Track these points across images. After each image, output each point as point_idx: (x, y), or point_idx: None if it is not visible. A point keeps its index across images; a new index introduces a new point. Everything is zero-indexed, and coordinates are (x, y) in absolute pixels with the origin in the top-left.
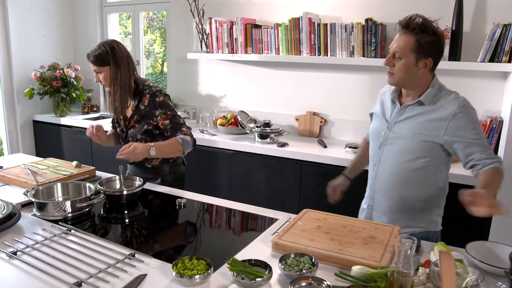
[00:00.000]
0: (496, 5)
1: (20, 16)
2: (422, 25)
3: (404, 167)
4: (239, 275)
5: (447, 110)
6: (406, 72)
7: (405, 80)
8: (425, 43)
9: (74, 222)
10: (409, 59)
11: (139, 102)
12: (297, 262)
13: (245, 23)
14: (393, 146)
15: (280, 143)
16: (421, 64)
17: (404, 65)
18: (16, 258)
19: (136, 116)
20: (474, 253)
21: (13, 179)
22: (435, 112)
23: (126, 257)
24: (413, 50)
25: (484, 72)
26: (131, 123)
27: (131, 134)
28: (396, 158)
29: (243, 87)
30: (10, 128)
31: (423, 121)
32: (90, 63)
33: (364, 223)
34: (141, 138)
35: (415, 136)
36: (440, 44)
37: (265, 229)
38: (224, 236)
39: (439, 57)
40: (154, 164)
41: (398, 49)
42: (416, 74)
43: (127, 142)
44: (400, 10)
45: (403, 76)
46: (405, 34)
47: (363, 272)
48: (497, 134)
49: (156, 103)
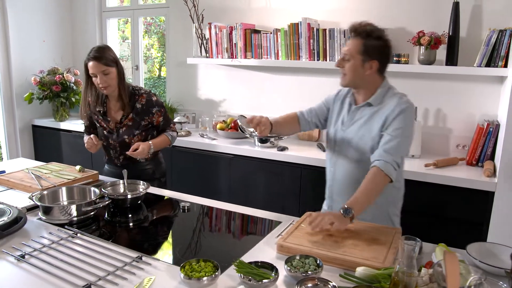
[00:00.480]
0: (492, 11)
1: (20, 20)
2: (369, 30)
3: (357, 168)
4: (246, 276)
5: (389, 108)
6: (354, 73)
7: (354, 81)
8: (370, 46)
9: (79, 226)
10: (356, 61)
11: (135, 101)
12: (303, 264)
13: (244, 28)
14: (346, 147)
15: (280, 147)
16: (367, 66)
17: (352, 66)
18: (25, 262)
19: (131, 115)
20: (475, 254)
21: (17, 184)
22: (380, 111)
23: (134, 260)
24: (359, 52)
25: (480, 77)
26: (124, 122)
27: (125, 132)
28: (350, 159)
29: (243, 91)
30: (9, 132)
31: (371, 121)
32: (101, 64)
33: (365, 225)
34: (137, 134)
35: (364, 136)
36: (385, 49)
37: (269, 232)
38: (229, 238)
39: (385, 60)
40: (146, 157)
41: (347, 51)
42: (364, 75)
43: (121, 141)
44: (398, 16)
45: (351, 77)
46: (354, 38)
47: (367, 273)
48: (494, 138)
49: (153, 101)
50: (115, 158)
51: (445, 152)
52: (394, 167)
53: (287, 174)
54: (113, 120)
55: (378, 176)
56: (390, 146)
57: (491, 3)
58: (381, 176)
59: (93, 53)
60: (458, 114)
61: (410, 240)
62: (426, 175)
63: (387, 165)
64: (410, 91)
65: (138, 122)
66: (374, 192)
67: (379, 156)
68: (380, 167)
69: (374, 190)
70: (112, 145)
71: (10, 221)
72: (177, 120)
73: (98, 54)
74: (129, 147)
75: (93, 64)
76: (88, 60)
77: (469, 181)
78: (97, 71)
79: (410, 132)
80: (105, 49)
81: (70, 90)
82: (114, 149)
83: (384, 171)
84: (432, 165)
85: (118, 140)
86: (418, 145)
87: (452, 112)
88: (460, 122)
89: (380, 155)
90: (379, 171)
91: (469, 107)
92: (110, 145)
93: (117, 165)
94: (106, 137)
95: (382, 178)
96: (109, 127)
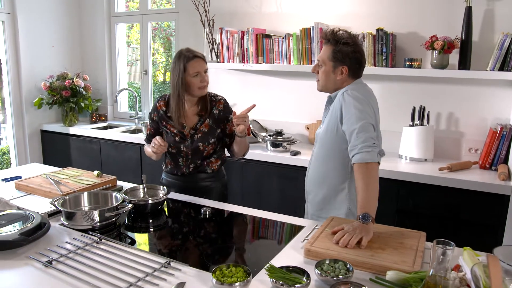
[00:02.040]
0: (504, 15)
1: (29, 26)
2: (338, 37)
3: (320, 160)
4: (278, 281)
5: (337, 103)
6: (326, 78)
7: (326, 86)
8: (339, 52)
9: (101, 232)
10: (328, 67)
11: (212, 107)
12: (333, 268)
13: (256, 33)
14: (318, 143)
15: (293, 152)
16: (338, 71)
17: (324, 71)
18: (52, 267)
19: (208, 120)
20: (502, 257)
21: (36, 189)
22: (332, 105)
23: (162, 266)
24: (330, 58)
25: (493, 81)
26: (200, 128)
27: (200, 139)
28: (316, 152)
29: (254, 96)
30: (19, 137)
31: (327, 116)
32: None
33: (389, 228)
34: (212, 142)
35: (324, 131)
36: (355, 54)
37: (293, 236)
38: (254, 243)
39: (355, 65)
40: (214, 168)
41: (320, 58)
42: (335, 80)
43: (194, 148)
44: (410, 20)
45: (324, 82)
46: (325, 45)
47: (398, 277)
48: (507, 142)
49: (230, 108)
50: (184, 167)
51: (457, 156)
52: (367, 151)
53: (300, 179)
54: (188, 125)
55: (362, 169)
56: (354, 138)
57: (503, 7)
58: (365, 167)
59: (192, 52)
60: (470, 118)
61: (443, 244)
62: (441, 179)
63: (361, 155)
64: (422, 95)
65: (214, 129)
66: (371, 184)
67: (351, 152)
68: (358, 161)
69: (370, 183)
70: (184, 153)
71: (34, 226)
72: None
73: (198, 53)
74: (202, 155)
75: (198, 61)
76: (190, 59)
77: (484, 184)
78: (201, 69)
79: (362, 114)
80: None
81: (80, 95)
82: (185, 156)
83: (365, 161)
84: (446, 168)
85: (191, 147)
86: (430, 149)
87: (465, 116)
88: (473, 126)
89: (351, 150)
90: (359, 165)
91: (482, 111)
92: (181, 153)
93: (184, 174)
94: (177, 144)
95: (367, 168)
96: (183, 133)
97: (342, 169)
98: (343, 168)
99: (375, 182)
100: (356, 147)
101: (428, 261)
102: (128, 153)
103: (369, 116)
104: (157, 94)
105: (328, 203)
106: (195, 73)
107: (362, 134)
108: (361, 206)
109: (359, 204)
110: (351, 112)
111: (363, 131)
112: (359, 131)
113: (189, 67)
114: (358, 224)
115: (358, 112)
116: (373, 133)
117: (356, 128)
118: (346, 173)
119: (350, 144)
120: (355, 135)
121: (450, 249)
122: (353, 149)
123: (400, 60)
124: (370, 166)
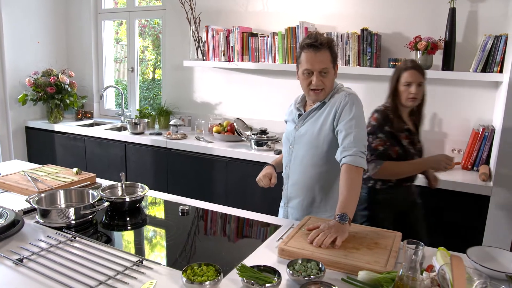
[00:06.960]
0: (487, 17)
1: (14, 21)
2: (328, 40)
3: (311, 163)
4: (248, 280)
5: (337, 102)
6: (331, 84)
7: (329, 91)
8: (334, 52)
9: (77, 229)
10: (332, 71)
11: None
12: (305, 268)
13: (241, 31)
14: (300, 145)
15: (277, 151)
16: (335, 71)
17: (329, 78)
18: (23, 265)
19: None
20: (475, 258)
21: (13, 186)
22: (329, 106)
23: (134, 264)
24: (331, 61)
25: (476, 82)
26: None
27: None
28: (303, 155)
29: (239, 94)
30: (2, 134)
31: (322, 117)
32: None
33: (364, 228)
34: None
35: (317, 132)
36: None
37: (269, 235)
38: (229, 242)
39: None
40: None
41: (324, 65)
42: (334, 81)
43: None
44: (395, 21)
45: (330, 89)
46: (320, 52)
47: (369, 277)
48: (489, 143)
49: None
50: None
51: None
52: (360, 156)
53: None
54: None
55: (351, 171)
56: (350, 140)
57: (487, 10)
58: (354, 170)
59: (412, 63)
60: (453, 119)
61: (413, 244)
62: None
63: (354, 158)
64: None
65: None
66: (356, 187)
67: (343, 152)
68: (349, 163)
69: (355, 186)
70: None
71: (7, 224)
72: (173, 122)
73: (418, 65)
74: None
75: (413, 72)
76: (407, 69)
77: (465, 185)
78: (414, 80)
79: (362, 120)
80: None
81: (65, 91)
82: None
83: (354, 164)
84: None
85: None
86: None
87: (448, 116)
88: (456, 126)
89: (344, 151)
90: (350, 166)
91: (465, 112)
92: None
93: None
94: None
95: (356, 172)
96: (419, 146)
97: (337, 170)
98: (338, 169)
99: (358, 186)
100: (351, 149)
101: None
102: (113, 151)
103: (365, 126)
104: (144, 91)
105: (318, 207)
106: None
107: (359, 140)
108: (341, 206)
109: (340, 203)
110: (354, 114)
111: (361, 138)
112: (357, 136)
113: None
114: (335, 223)
115: (360, 119)
116: (366, 143)
117: (354, 132)
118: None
119: (343, 144)
120: (351, 137)
121: (419, 250)
122: (347, 150)
123: (384, 60)
124: (359, 170)
